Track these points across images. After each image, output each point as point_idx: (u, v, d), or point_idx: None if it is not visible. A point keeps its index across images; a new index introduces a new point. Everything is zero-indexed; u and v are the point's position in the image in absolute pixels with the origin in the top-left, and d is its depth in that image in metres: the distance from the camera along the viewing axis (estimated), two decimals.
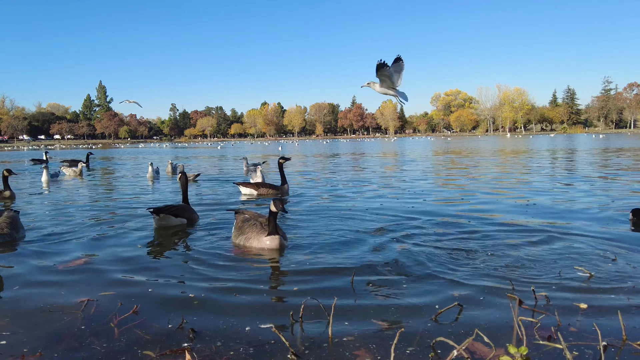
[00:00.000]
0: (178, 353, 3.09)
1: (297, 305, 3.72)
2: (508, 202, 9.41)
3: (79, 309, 3.89)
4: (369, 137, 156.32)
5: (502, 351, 2.92)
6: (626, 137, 69.85)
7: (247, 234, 5.89)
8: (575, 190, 10.98)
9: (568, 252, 5.46)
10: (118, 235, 6.75)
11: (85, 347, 3.22)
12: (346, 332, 3.37)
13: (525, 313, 3.65)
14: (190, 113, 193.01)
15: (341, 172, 18.67)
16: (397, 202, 9.67)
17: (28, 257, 5.56)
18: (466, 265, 4.95)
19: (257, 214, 6.33)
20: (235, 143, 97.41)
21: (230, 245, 6.00)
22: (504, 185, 12.57)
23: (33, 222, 7.89)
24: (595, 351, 3.00)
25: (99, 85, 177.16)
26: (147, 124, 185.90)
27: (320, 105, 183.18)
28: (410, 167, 20.84)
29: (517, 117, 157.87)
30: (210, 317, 3.70)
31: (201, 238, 6.50)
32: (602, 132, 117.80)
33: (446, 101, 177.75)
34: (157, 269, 5.09)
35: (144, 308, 3.88)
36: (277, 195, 10.63)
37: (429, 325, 3.48)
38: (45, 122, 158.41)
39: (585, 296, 4.00)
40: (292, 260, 5.31)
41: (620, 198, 9.57)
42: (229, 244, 6.07)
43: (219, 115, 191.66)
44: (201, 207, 9.06)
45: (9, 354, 3.12)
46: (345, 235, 6.49)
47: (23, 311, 3.88)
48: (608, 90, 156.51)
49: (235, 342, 3.25)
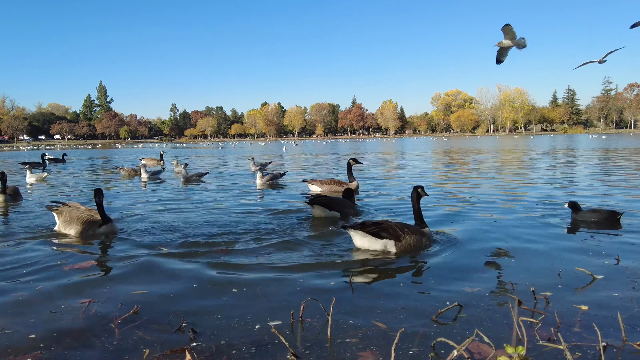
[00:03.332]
0: (178, 353, 3.09)
1: (298, 304, 3.72)
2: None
3: (81, 309, 3.89)
4: (369, 138, 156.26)
5: (502, 351, 2.92)
6: (628, 138, 69.78)
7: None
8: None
9: (568, 252, 5.47)
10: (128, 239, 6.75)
11: (85, 347, 3.22)
12: (347, 332, 3.38)
13: (525, 313, 3.66)
14: (190, 113, 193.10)
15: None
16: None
17: (33, 257, 5.58)
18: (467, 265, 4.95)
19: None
20: (236, 144, 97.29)
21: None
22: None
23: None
24: (596, 352, 3.00)
25: (99, 85, 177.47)
26: (147, 124, 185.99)
27: (320, 105, 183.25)
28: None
29: (518, 117, 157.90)
30: (210, 317, 3.71)
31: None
32: (603, 133, 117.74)
33: (446, 101, 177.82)
34: (158, 268, 5.10)
35: (144, 308, 3.89)
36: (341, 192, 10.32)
37: (429, 326, 3.48)
38: (46, 122, 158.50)
39: (585, 297, 4.01)
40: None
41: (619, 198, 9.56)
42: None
43: (219, 116, 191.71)
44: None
45: (10, 354, 3.13)
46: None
47: (24, 311, 3.89)
48: (608, 90, 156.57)
49: (236, 341, 3.25)
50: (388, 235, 5.41)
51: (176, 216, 8.40)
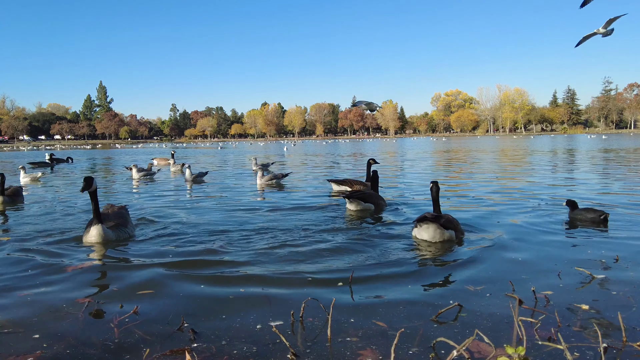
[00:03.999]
0: (178, 353, 3.09)
1: (298, 304, 3.72)
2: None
3: (81, 309, 3.89)
4: (369, 138, 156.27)
5: (502, 351, 2.92)
6: (629, 138, 69.76)
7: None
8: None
9: (569, 251, 5.47)
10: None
11: (86, 346, 3.22)
12: (347, 332, 3.38)
13: (525, 313, 3.65)
14: (190, 113, 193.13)
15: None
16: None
17: (37, 257, 5.58)
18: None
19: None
20: (236, 144, 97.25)
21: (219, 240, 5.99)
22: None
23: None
24: (596, 352, 3.00)
25: (100, 85, 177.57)
26: (148, 124, 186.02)
27: (320, 105, 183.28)
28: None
29: (518, 117, 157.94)
30: (210, 317, 3.71)
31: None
32: (603, 133, 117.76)
33: (446, 101, 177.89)
34: (156, 270, 5.10)
35: (145, 308, 3.89)
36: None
37: (429, 325, 3.48)
38: (46, 123, 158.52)
39: (585, 296, 4.01)
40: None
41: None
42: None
43: (219, 116, 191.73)
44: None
45: (10, 354, 3.13)
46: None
47: (24, 311, 3.89)
48: (608, 90, 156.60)
49: (236, 342, 3.25)
50: (452, 227, 6.01)
51: (182, 216, 8.39)
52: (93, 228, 6.14)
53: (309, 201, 10.09)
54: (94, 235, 6.12)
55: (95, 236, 6.12)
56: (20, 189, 10.75)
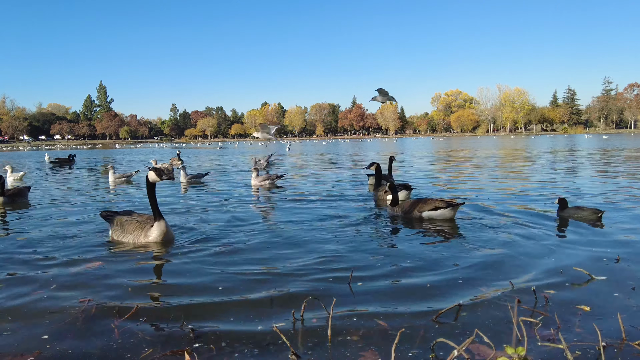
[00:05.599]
0: (179, 353, 3.10)
1: (298, 304, 3.73)
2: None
3: (81, 308, 3.90)
4: (370, 138, 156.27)
5: (502, 352, 2.93)
6: (629, 138, 69.71)
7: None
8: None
9: (569, 251, 5.47)
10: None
11: (86, 346, 3.23)
12: (348, 331, 3.38)
13: (525, 313, 3.66)
14: (190, 113, 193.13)
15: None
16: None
17: (35, 258, 5.58)
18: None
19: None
20: (237, 144, 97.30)
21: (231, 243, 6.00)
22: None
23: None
24: (596, 352, 3.01)
25: (100, 85, 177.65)
26: (148, 124, 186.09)
27: (320, 105, 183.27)
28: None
29: (518, 117, 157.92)
30: (211, 317, 3.71)
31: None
32: (603, 133, 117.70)
33: (446, 101, 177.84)
34: (157, 269, 5.10)
35: (145, 308, 3.89)
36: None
37: (429, 326, 3.48)
38: (46, 123, 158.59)
39: (585, 296, 4.01)
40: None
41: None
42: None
43: (219, 116, 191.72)
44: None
45: (9, 354, 3.13)
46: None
47: (24, 311, 3.90)
48: (608, 90, 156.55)
49: (236, 342, 3.26)
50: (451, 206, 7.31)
51: (187, 216, 8.40)
52: (156, 225, 5.97)
53: (307, 199, 10.09)
54: (157, 234, 6.00)
55: (159, 235, 6.01)
56: (26, 189, 10.57)
